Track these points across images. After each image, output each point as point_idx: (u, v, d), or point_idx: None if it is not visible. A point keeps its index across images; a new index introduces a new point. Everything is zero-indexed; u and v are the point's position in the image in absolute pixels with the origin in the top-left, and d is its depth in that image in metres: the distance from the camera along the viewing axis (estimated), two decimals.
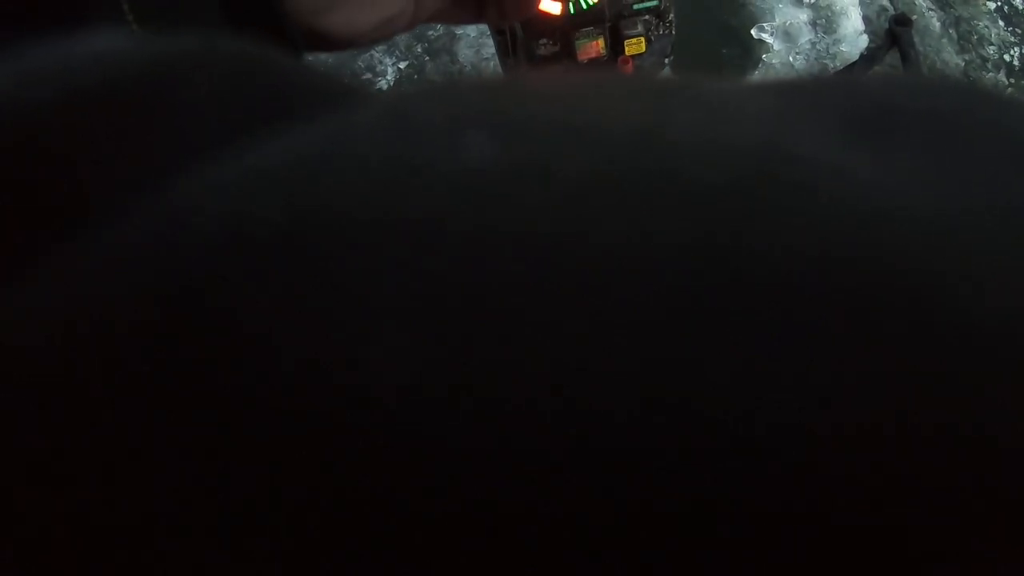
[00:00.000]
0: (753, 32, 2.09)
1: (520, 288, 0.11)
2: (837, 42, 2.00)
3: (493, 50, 1.06)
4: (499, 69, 1.16)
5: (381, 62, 1.87)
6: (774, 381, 0.10)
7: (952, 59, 2.25)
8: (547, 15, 0.96)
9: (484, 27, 1.30)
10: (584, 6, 0.95)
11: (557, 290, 0.11)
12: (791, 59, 2.01)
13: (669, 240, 0.11)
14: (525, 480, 0.10)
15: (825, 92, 0.16)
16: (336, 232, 0.12)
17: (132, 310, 0.12)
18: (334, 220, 0.12)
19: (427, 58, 1.82)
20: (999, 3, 2.37)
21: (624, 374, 0.10)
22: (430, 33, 1.85)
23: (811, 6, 2.09)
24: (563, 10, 0.95)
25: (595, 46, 0.98)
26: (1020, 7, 2.32)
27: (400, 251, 0.11)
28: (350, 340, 0.11)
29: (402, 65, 1.83)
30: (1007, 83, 2.34)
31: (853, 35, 2.01)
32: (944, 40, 2.27)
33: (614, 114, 0.14)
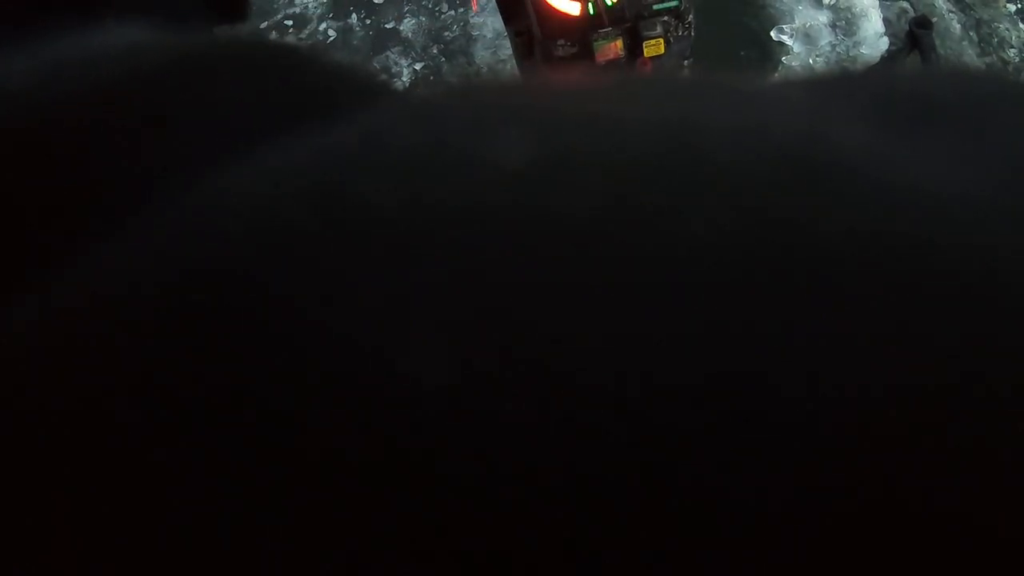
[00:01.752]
0: (773, 34, 2.09)
1: (560, 280, 0.11)
2: (857, 44, 1.99)
3: (510, 51, 1.06)
4: (516, 70, 1.16)
5: (396, 63, 1.88)
6: (837, 359, 0.10)
7: (973, 61, 2.24)
8: (566, 16, 0.95)
9: (501, 28, 1.30)
10: (605, 5, 0.94)
11: (599, 282, 0.11)
12: (811, 61, 2.01)
13: (711, 226, 0.11)
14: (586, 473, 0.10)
15: (857, 83, 0.17)
16: (370, 225, 0.12)
17: (169, 295, 0.12)
18: (368, 213, 0.12)
19: (443, 59, 1.82)
20: (1020, 5, 2.36)
21: (675, 367, 0.10)
22: (446, 34, 1.85)
23: (831, 8, 2.09)
24: (582, 11, 0.95)
25: (613, 47, 0.98)
26: None
27: (435, 244, 0.11)
28: (389, 329, 0.11)
29: (418, 66, 1.83)
30: None
31: (873, 37, 2.00)
32: (964, 43, 2.26)
33: (646, 107, 0.14)
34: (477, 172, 0.12)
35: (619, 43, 1.01)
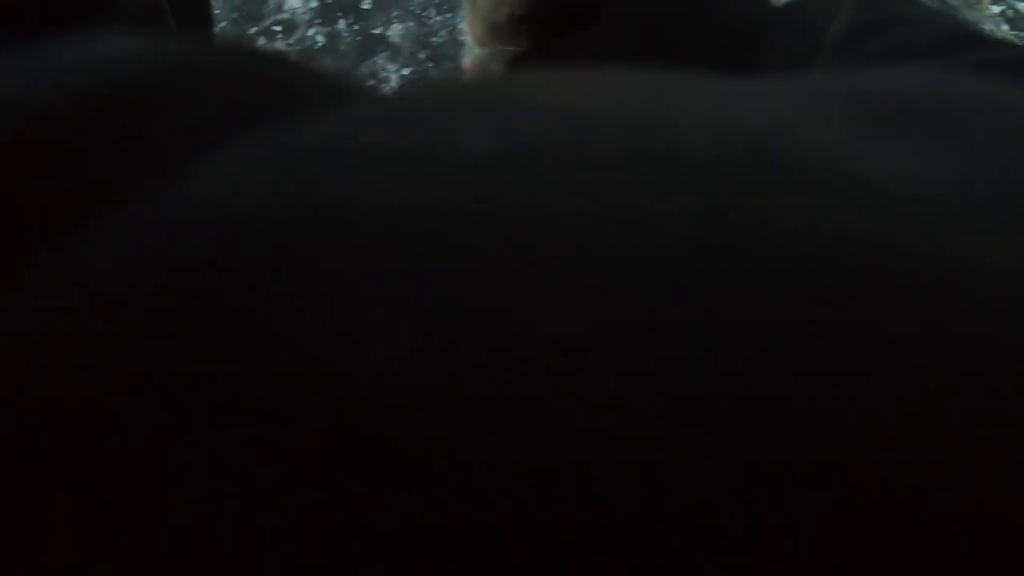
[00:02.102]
0: None
1: (528, 270, 0.11)
2: None
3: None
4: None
5: (384, 68, 1.88)
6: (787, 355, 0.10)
7: None
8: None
9: None
10: None
11: (564, 271, 0.11)
12: None
13: (670, 218, 0.11)
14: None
15: (830, 82, 0.16)
16: (344, 216, 0.12)
17: (148, 295, 0.12)
18: (341, 206, 0.12)
19: (431, 64, 1.82)
20: (1003, 7, 2.37)
21: (629, 353, 0.10)
22: (434, 40, 1.85)
23: None
24: None
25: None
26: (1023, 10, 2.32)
27: (407, 236, 0.11)
28: (368, 319, 0.11)
29: (406, 71, 1.84)
30: None
31: None
32: None
33: (614, 100, 0.14)
34: (443, 168, 0.12)
35: None
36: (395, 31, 1.83)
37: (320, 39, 1.91)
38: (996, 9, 2.46)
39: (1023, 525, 0.09)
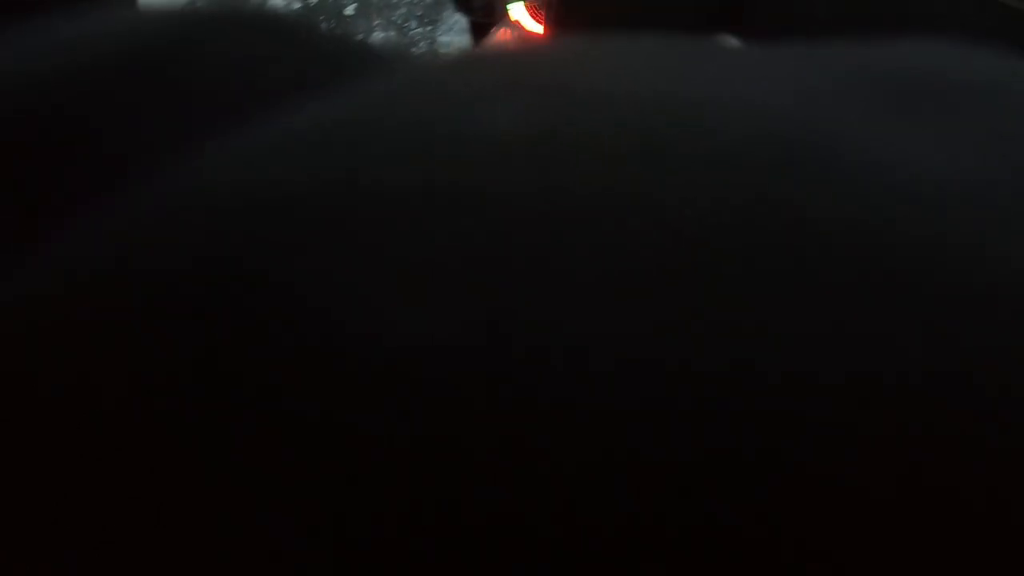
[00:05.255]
0: None
1: (561, 261, 0.11)
2: None
3: None
4: None
5: None
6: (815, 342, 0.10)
7: None
8: (532, 39, 0.98)
9: (468, 47, 1.32)
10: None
11: (597, 263, 0.11)
12: None
13: (700, 199, 0.11)
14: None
15: (858, 59, 0.16)
16: (362, 195, 0.12)
17: (158, 271, 0.11)
18: (361, 184, 0.12)
19: None
20: None
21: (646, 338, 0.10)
22: (414, 51, 1.87)
23: None
24: (546, 31, 0.98)
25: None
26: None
27: (433, 214, 0.11)
28: (386, 299, 0.10)
29: None
30: None
31: None
32: None
33: (640, 78, 0.14)
34: (470, 149, 0.12)
35: None
36: (376, 40, 1.85)
37: None
38: None
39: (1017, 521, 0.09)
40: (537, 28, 1.06)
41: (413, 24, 1.89)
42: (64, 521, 0.10)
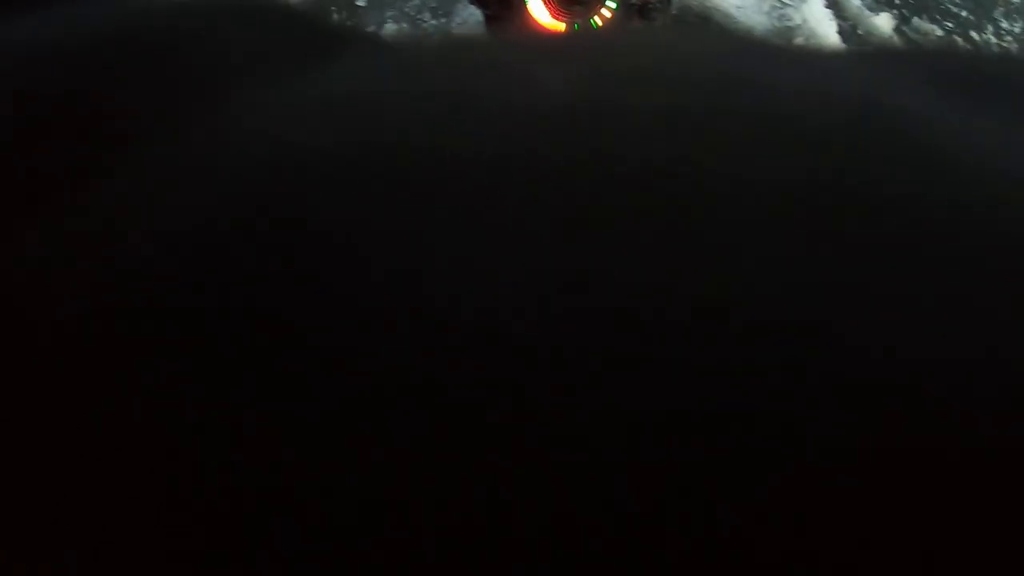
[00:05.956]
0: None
1: (605, 218, 0.10)
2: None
3: None
4: None
5: None
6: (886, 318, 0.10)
7: None
8: (551, 32, 0.96)
9: None
10: (591, 28, 0.95)
11: (667, 226, 0.10)
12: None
13: (773, 178, 0.11)
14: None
15: (912, 55, 0.16)
16: (404, 161, 0.11)
17: (197, 230, 0.11)
18: (400, 150, 0.12)
19: None
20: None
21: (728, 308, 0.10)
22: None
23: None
24: (568, 30, 0.96)
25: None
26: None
27: (467, 181, 0.11)
28: (434, 264, 0.10)
29: None
30: None
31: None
32: None
33: (687, 64, 0.14)
34: (519, 118, 0.12)
35: None
36: (388, 32, 1.83)
37: None
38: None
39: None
40: (552, 22, 1.04)
41: (427, 16, 1.87)
42: (64, 521, 0.10)
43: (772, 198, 0.11)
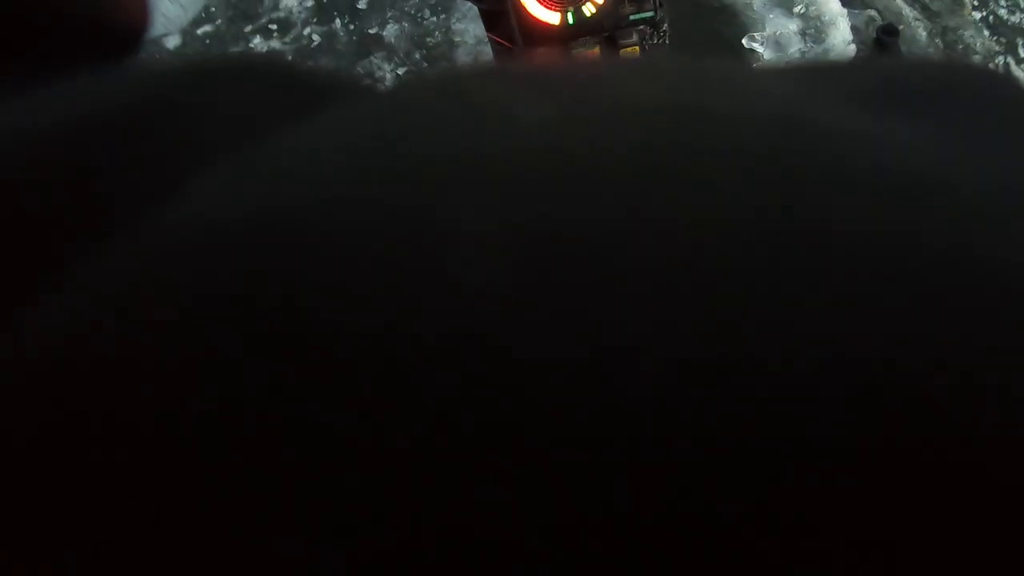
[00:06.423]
0: (744, 41, 2.12)
1: (605, 207, 0.11)
2: (826, 52, 2.02)
3: (491, 58, 1.08)
4: None
5: (380, 68, 1.90)
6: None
7: None
8: (545, 25, 0.98)
9: (482, 35, 1.33)
10: (584, 16, 0.97)
11: (633, 251, 0.11)
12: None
13: (739, 202, 0.11)
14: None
15: (838, 71, 0.16)
16: (421, 168, 0.12)
17: (169, 311, 0.11)
18: (417, 158, 0.12)
19: (426, 64, 1.84)
20: (984, 13, 2.40)
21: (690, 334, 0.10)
22: (429, 40, 1.88)
23: (801, 16, 2.12)
24: (561, 20, 0.98)
25: (591, 55, 1.01)
26: (1005, 17, 2.35)
27: (484, 180, 0.11)
28: (458, 251, 0.10)
29: (401, 71, 1.86)
30: None
31: (841, 45, 2.04)
32: (931, 49, 2.30)
33: (658, 92, 0.14)
34: (511, 124, 0.12)
35: (596, 51, 1.04)
36: (390, 31, 1.86)
37: (316, 38, 1.93)
38: (977, 15, 2.49)
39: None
40: (547, 16, 1.06)
41: (427, 14, 1.89)
42: (64, 521, 0.10)
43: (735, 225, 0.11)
